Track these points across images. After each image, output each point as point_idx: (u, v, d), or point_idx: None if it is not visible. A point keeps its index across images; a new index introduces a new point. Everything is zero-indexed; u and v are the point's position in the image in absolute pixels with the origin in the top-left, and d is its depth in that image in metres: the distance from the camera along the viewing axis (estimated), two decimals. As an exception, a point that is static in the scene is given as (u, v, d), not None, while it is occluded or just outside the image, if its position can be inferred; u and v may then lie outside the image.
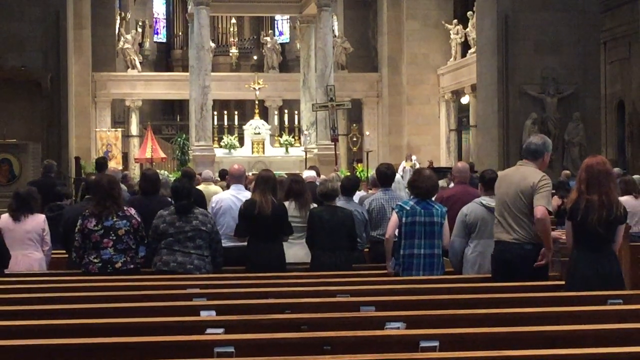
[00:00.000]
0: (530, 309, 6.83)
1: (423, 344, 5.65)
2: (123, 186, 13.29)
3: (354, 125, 40.17)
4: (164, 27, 51.85)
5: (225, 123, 34.38)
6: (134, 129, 39.66)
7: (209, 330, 6.08)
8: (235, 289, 7.98)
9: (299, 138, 34.19)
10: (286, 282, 8.40)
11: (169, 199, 10.45)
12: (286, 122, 35.49)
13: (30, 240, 9.90)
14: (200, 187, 14.58)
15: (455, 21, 36.23)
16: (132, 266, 9.08)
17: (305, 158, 28.45)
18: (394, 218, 8.93)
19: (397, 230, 8.98)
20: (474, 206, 9.20)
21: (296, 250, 10.25)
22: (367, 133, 29.93)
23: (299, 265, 9.93)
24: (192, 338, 5.81)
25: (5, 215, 10.00)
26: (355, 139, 39.84)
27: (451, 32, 36.20)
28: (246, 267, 9.71)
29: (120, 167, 30.47)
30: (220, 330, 6.06)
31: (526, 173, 8.15)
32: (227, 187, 12.40)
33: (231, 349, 5.49)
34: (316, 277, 8.79)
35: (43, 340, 5.76)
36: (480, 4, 27.51)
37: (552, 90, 24.99)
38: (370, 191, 13.82)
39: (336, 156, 25.21)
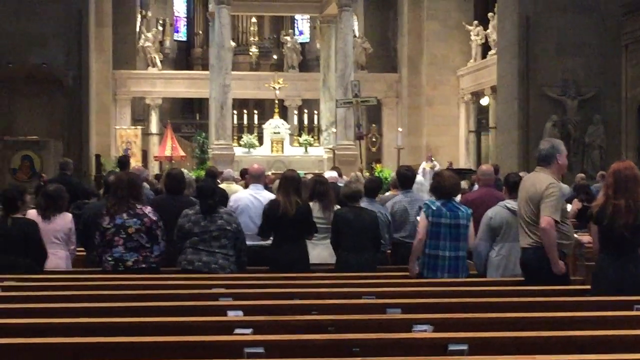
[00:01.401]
0: (557, 314, 6.82)
1: (451, 347, 5.64)
2: (145, 184, 13.32)
3: (373, 125, 40.13)
4: (184, 25, 51.93)
5: (245, 122, 34.48)
6: (153, 127, 39.75)
7: (237, 331, 6.09)
8: (261, 289, 7.98)
9: (318, 138, 34.18)
10: (311, 283, 8.41)
11: (193, 199, 10.51)
12: (305, 122, 35.46)
13: (57, 239, 9.84)
14: (222, 186, 14.59)
15: (475, 22, 36.16)
16: (144, 265, 9.03)
17: (333, 157, 28.29)
18: (423, 218, 8.94)
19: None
20: (498, 209, 9.21)
21: (320, 251, 10.28)
22: (400, 129, 29.70)
23: (323, 266, 9.94)
24: (221, 338, 5.81)
25: (34, 213, 9.93)
26: (374, 139, 39.81)
27: (471, 33, 36.12)
28: (270, 267, 9.74)
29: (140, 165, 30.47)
30: (249, 331, 6.07)
31: (536, 180, 8.18)
32: (246, 186, 12.45)
33: (261, 350, 5.50)
34: (341, 278, 8.79)
35: (68, 339, 5.77)
36: (501, 6, 27.45)
37: (573, 93, 24.91)
38: (389, 192, 13.83)
39: (361, 154, 25.04)
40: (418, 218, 9.72)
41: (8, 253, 9.06)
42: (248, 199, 10.89)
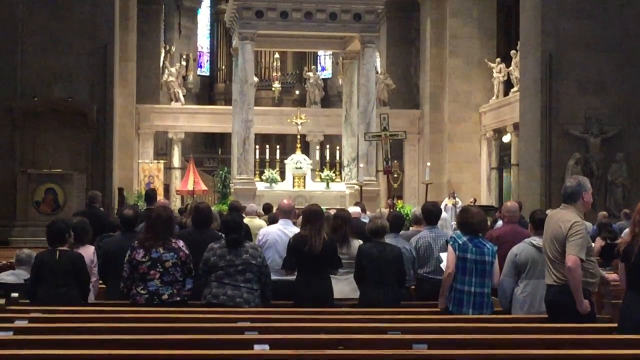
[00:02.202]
0: (583, 351, 6.81)
1: (479, 383, 5.66)
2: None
3: (395, 161, 40.07)
4: (207, 60, 52.26)
5: (267, 157, 34.50)
6: (176, 161, 39.87)
7: (264, 365, 6.12)
8: (287, 323, 8.01)
9: (340, 173, 34.20)
10: (336, 318, 8.42)
11: (218, 232, 10.56)
12: (327, 157, 35.54)
13: (83, 272, 9.92)
14: (245, 220, 14.64)
15: (498, 59, 36.20)
16: (178, 298, 9.11)
17: (360, 192, 28.18)
18: (451, 252, 8.95)
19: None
20: (524, 246, 9.21)
21: (342, 286, 10.29)
22: (429, 164, 29.56)
23: (346, 301, 9.95)
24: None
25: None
26: (396, 176, 39.78)
27: (494, 70, 36.15)
28: (294, 302, 9.76)
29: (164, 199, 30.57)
30: (275, 364, 6.10)
31: (561, 218, 8.19)
32: (274, 221, 12.48)
33: (289, 384, 5.53)
34: (366, 313, 8.80)
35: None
36: (523, 43, 27.51)
37: (596, 131, 24.90)
38: (412, 228, 13.81)
39: (390, 189, 24.95)
40: (442, 254, 9.74)
41: (56, 286, 9.17)
42: (277, 234, 10.93)
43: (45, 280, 9.24)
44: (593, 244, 14.75)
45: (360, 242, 10.48)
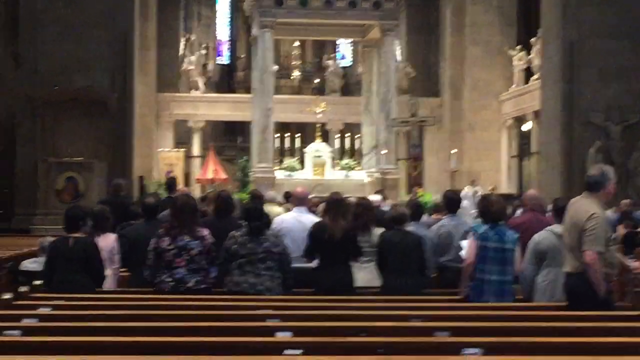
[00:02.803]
0: (605, 339, 6.80)
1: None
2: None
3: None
4: (227, 49, 52.20)
5: (287, 145, 34.51)
6: (195, 149, 39.92)
7: (286, 352, 6.13)
8: (308, 310, 8.03)
9: (359, 162, 34.16)
10: (358, 306, 8.43)
11: (240, 221, 10.58)
12: (347, 146, 35.49)
13: (101, 259, 9.94)
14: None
15: (518, 47, 36.05)
16: (203, 286, 9.16)
17: (382, 180, 28.03)
18: (472, 242, 8.96)
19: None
20: (545, 234, 9.19)
21: (365, 274, 10.28)
22: (454, 151, 29.25)
23: (368, 289, 9.95)
24: (271, 359, 5.86)
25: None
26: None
27: (514, 58, 36.02)
28: (315, 290, 9.77)
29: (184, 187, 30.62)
30: (299, 352, 6.10)
31: (580, 207, 8.17)
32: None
33: (312, 370, 5.54)
34: (388, 301, 8.81)
35: (117, 357, 5.85)
36: (544, 31, 27.40)
37: (617, 119, 24.79)
38: (433, 216, 13.82)
39: (420, 175, 24.76)
40: (462, 242, 9.74)
41: (69, 272, 9.18)
42: (292, 222, 10.95)
43: (59, 267, 9.26)
44: (614, 233, 14.77)
45: (382, 229, 10.48)
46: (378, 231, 10.48)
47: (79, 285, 9.10)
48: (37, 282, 9.42)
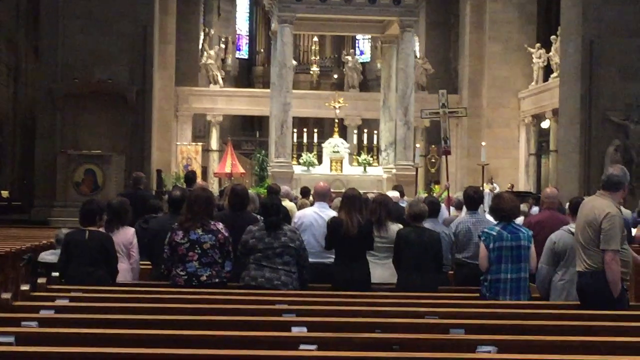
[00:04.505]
0: (620, 338, 6.79)
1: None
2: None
3: (432, 146, 40.02)
4: (246, 43, 52.33)
5: (305, 140, 34.50)
6: (214, 143, 40.03)
7: (302, 347, 6.15)
8: (324, 306, 8.04)
9: (377, 158, 34.14)
10: (374, 302, 8.44)
11: (255, 215, 10.61)
12: (365, 142, 35.47)
13: (119, 252, 9.89)
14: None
15: (538, 45, 35.99)
16: (217, 280, 9.15)
17: (417, 175, 27.74)
18: (482, 249, 8.96)
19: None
20: (562, 233, 9.15)
21: (382, 271, 10.29)
22: (484, 143, 28.85)
23: (384, 286, 9.96)
24: (286, 354, 5.89)
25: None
26: (433, 160, 39.75)
27: (533, 55, 35.96)
28: (332, 285, 9.79)
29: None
30: (314, 347, 6.13)
31: (596, 205, 8.14)
32: (312, 204, 12.51)
33: (327, 366, 5.56)
34: (403, 298, 8.80)
35: (131, 349, 5.88)
36: (564, 29, 27.33)
37: (636, 117, 24.74)
38: (452, 213, 13.82)
39: (447, 170, 24.58)
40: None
41: (85, 265, 9.22)
42: (312, 217, 10.94)
43: (74, 259, 9.29)
44: (634, 231, 14.73)
45: (400, 226, 10.48)
46: (394, 227, 10.49)
47: (94, 277, 9.13)
48: (55, 274, 9.47)
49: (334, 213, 10.75)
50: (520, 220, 10.84)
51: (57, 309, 7.52)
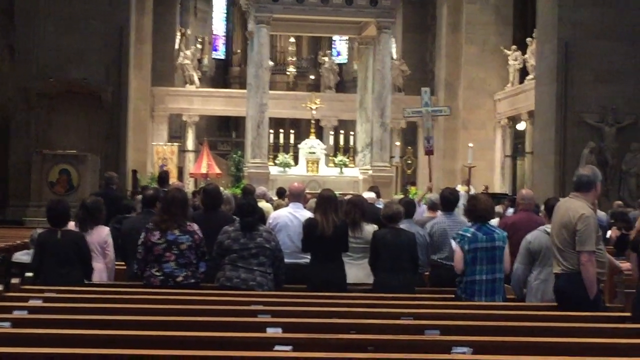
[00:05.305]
0: (595, 339, 6.82)
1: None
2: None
3: (409, 147, 40.08)
4: (223, 44, 52.22)
5: (281, 141, 34.45)
6: (190, 144, 39.93)
7: (277, 348, 6.14)
8: (299, 307, 8.03)
9: (354, 159, 34.15)
10: (349, 303, 8.44)
11: (230, 215, 10.58)
12: (341, 143, 35.47)
13: (93, 252, 9.80)
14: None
15: (514, 47, 36.09)
16: (192, 281, 9.13)
17: (399, 174, 27.66)
18: (458, 251, 8.98)
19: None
20: (537, 233, 9.19)
21: (356, 271, 10.30)
22: (471, 145, 28.69)
23: (360, 286, 9.96)
24: (261, 354, 5.88)
25: (71, 224, 10.00)
26: (409, 162, 39.77)
27: (509, 57, 36.06)
28: (307, 286, 9.79)
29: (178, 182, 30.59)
30: (289, 348, 6.12)
31: (571, 207, 8.15)
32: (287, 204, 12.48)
33: (301, 367, 5.55)
34: (379, 299, 8.82)
35: (105, 350, 5.86)
36: (540, 31, 27.45)
37: (611, 120, 24.88)
38: (425, 214, 13.80)
39: (430, 171, 24.50)
40: (452, 242, 9.74)
41: (58, 265, 9.15)
42: (287, 217, 10.94)
43: (47, 260, 9.23)
44: (609, 233, 14.78)
45: (375, 227, 10.49)
46: (369, 227, 10.49)
47: (67, 278, 9.07)
48: (29, 274, 9.41)
49: (309, 213, 10.75)
50: (495, 221, 10.88)
51: (31, 310, 7.48)
